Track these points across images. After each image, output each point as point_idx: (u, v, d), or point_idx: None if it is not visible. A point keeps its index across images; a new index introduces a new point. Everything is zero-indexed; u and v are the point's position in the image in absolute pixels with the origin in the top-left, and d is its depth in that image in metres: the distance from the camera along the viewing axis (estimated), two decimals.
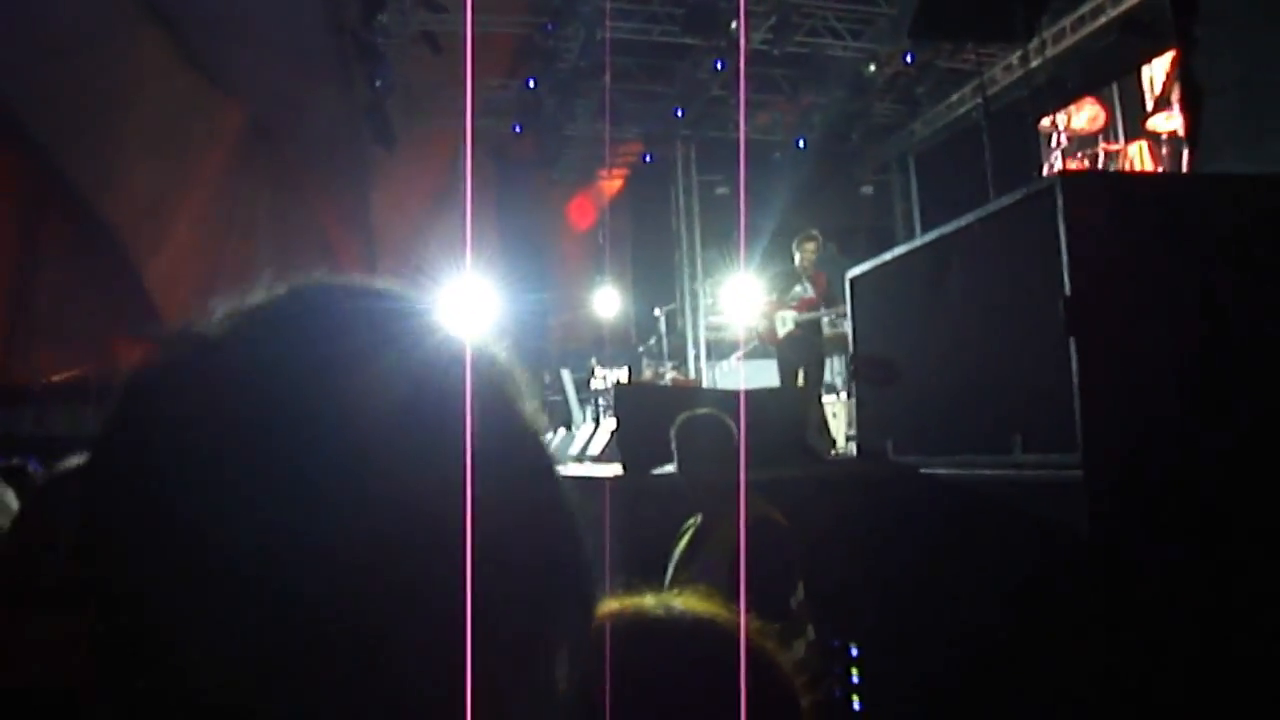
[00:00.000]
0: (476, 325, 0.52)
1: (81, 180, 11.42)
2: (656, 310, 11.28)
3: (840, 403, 8.96)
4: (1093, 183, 3.83)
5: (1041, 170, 10.43)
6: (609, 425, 6.25)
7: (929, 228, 4.70)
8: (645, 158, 13.68)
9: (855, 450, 5.33)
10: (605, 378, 8.76)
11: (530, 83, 11.45)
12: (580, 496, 0.55)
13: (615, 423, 5.59)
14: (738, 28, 10.13)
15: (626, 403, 5.39)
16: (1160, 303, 3.13)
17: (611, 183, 14.70)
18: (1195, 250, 3.16)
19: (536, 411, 0.55)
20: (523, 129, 12.22)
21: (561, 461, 0.57)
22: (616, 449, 5.22)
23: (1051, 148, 10.92)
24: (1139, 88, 9.78)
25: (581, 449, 6.33)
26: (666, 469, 3.62)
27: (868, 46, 11.21)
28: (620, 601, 0.84)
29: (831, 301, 8.13)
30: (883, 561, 3.99)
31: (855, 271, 5.06)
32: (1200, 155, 5.38)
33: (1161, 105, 9.44)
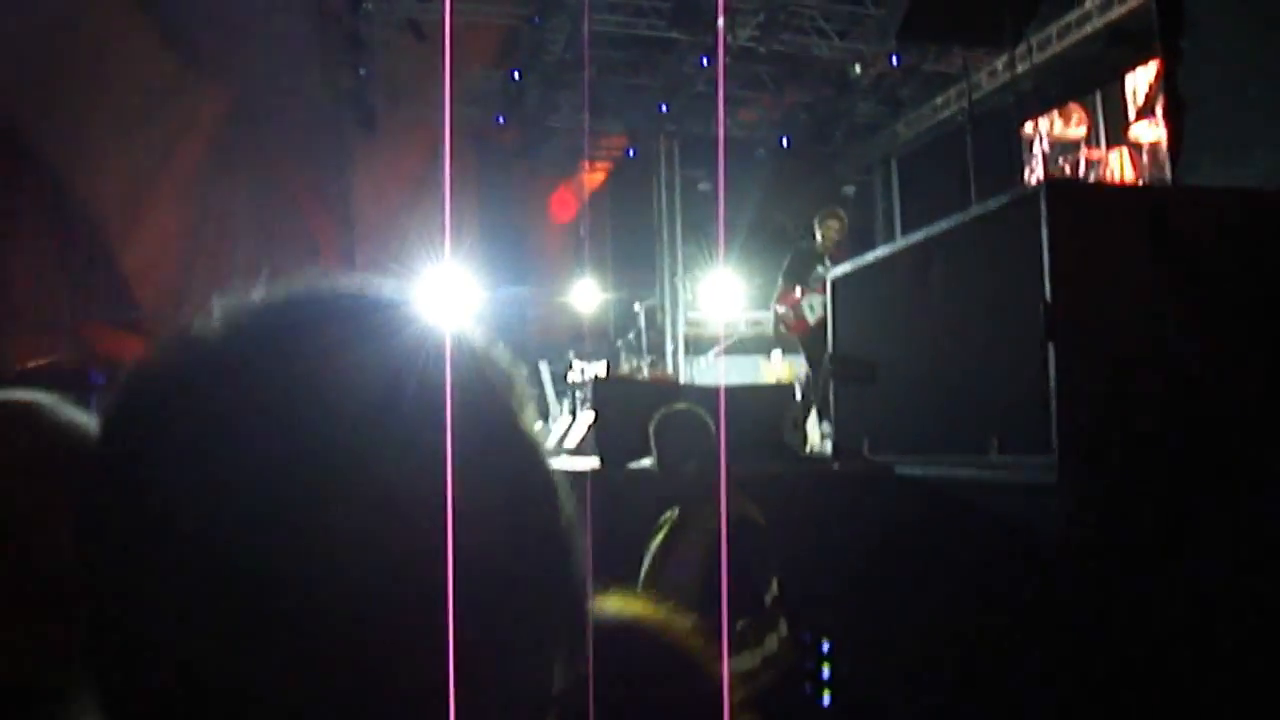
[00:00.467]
0: (457, 319, 0.52)
1: (55, 162, 11.26)
2: (636, 305, 11.25)
3: None
4: (1077, 192, 3.87)
5: (1023, 176, 10.49)
6: (586, 418, 6.24)
7: (910, 229, 4.73)
8: (628, 152, 13.64)
9: (830, 448, 5.36)
10: (583, 371, 8.73)
11: (515, 74, 11.41)
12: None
13: (594, 416, 5.58)
14: (724, 24, 10.12)
15: (605, 397, 5.40)
16: (1138, 311, 3.17)
17: (594, 176, 14.64)
18: (1174, 261, 3.20)
19: (530, 409, 0.56)
20: (506, 120, 12.17)
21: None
22: (593, 442, 5.22)
23: (1033, 153, 10.98)
24: (1121, 96, 9.83)
25: (558, 442, 6.33)
26: (644, 463, 3.62)
27: (854, 47, 11.23)
28: None
29: None
30: (857, 559, 4.01)
31: (837, 272, 5.11)
32: (1182, 166, 5.43)
33: (1144, 114, 9.51)
